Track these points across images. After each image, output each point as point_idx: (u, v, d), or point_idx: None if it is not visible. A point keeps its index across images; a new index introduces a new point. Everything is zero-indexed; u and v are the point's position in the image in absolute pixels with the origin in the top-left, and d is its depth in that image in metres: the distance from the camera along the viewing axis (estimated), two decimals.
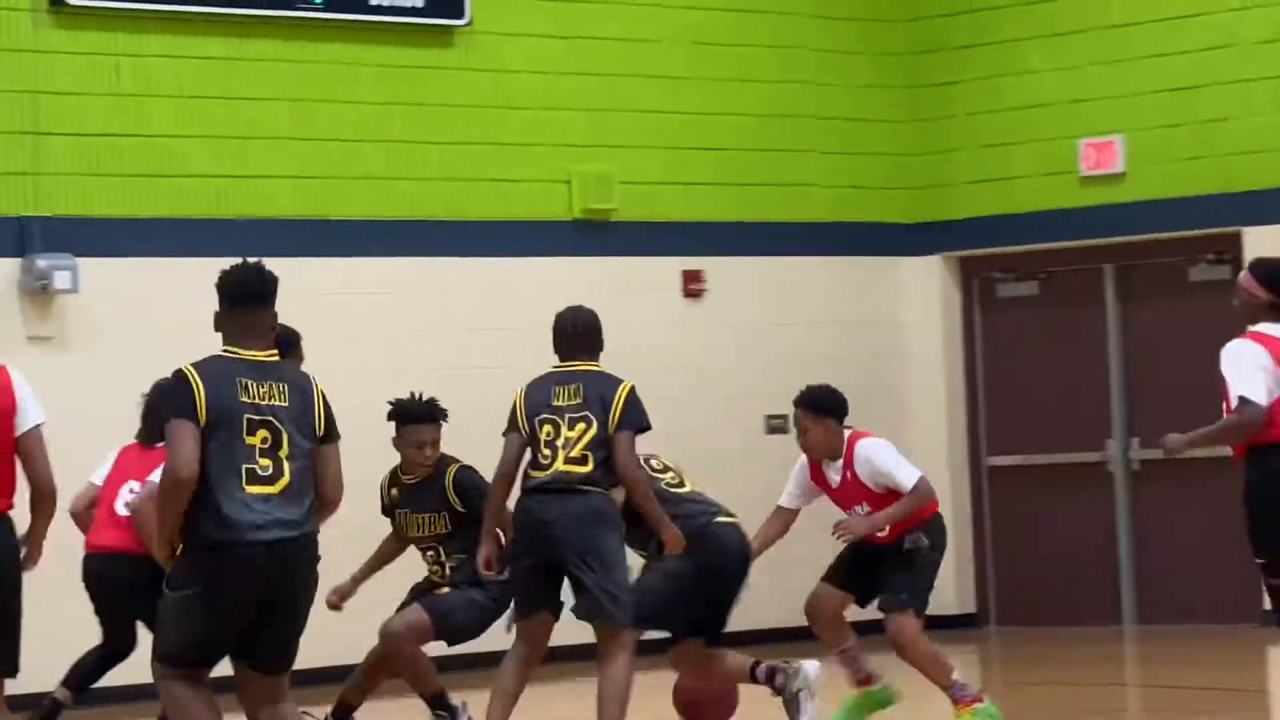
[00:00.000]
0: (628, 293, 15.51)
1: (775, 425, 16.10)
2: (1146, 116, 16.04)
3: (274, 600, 7.12)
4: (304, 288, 13.12)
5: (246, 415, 7.09)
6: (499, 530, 9.55)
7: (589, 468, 8.96)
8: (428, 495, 10.00)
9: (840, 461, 10.23)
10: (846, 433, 10.31)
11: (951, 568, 16.01)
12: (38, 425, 7.80)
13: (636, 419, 9.06)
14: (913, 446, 15.74)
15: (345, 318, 14.76)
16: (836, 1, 17.24)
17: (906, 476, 10.18)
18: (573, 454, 8.98)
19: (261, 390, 7.18)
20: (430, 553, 9.88)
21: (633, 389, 9.21)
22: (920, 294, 17.06)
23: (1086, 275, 16.63)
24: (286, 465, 7.10)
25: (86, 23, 14.56)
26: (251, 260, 7.57)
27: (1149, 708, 13.37)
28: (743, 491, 14.14)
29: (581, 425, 9.14)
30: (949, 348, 17.08)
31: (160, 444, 8.64)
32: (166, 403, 7.45)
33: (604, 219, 15.77)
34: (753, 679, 9.73)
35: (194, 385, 6.92)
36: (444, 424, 10.33)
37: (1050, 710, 12.58)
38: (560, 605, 9.26)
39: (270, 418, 7.06)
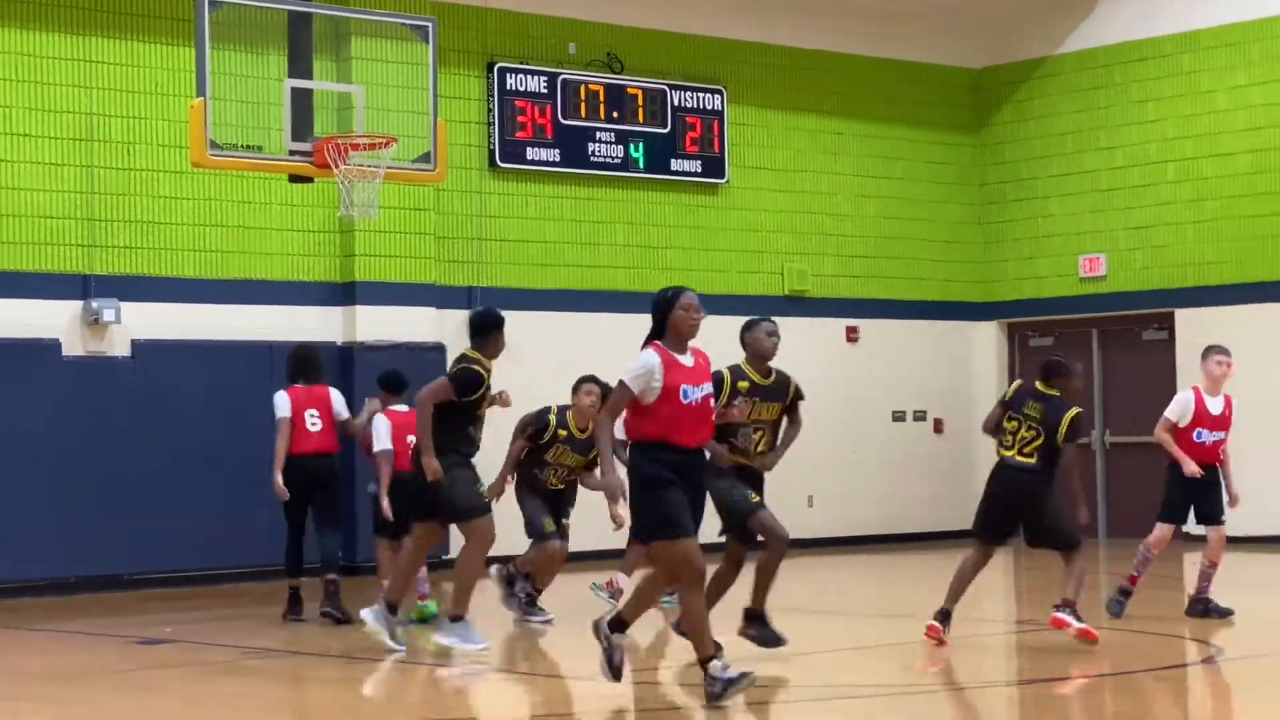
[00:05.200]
0: (815, 339, 20.59)
1: (897, 416, 21.50)
2: (1118, 244, 21.30)
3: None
4: (638, 332, 19.69)
5: None
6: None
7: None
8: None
9: None
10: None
11: None
12: None
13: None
14: (975, 425, 22.03)
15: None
16: (940, 174, 22.20)
17: None
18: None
19: None
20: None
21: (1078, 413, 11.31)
22: (984, 345, 22.36)
23: (1081, 335, 21.50)
24: None
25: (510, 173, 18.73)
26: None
27: None
28: (878, 451, 20.79)
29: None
30: (999, 377, 22.02)
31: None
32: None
33: (802, 296, 20.88)
34: None
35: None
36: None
37: None
38: None
39: None
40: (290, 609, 13.65)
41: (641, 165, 19.96)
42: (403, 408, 13.44)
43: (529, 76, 19.31)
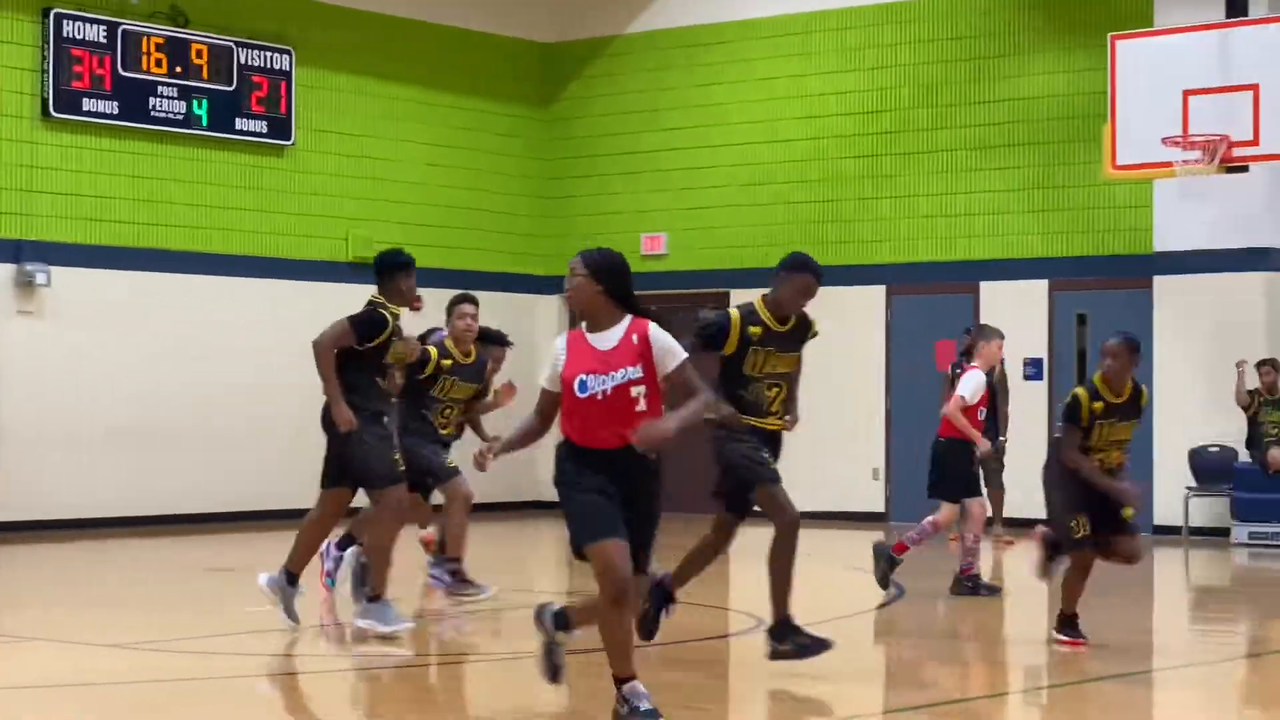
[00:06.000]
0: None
1: None
2: (678, 224, 21.96)
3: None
4: (196, 293, 19.12)
5: None
6: None
7: None
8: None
9: None
10: None
11: None
12: None
13: None
14: (533, 399, 22.63)
15: (223, 310, 19.46)
16: (508, 146, 22.35)
17: None
18: None
19: None
20: None
21: None
22: (545, 319, 22.56)
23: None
24: None
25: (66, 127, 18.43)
26: None
27: None
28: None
29: None
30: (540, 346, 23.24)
31: None
32: None
33: (366, 263, 17.78)
34: None
35: None
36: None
37: None
38: None
39: None
40: None
41: (205, 123, 19.69)
42: None
43: (87, 25, 18.74)
